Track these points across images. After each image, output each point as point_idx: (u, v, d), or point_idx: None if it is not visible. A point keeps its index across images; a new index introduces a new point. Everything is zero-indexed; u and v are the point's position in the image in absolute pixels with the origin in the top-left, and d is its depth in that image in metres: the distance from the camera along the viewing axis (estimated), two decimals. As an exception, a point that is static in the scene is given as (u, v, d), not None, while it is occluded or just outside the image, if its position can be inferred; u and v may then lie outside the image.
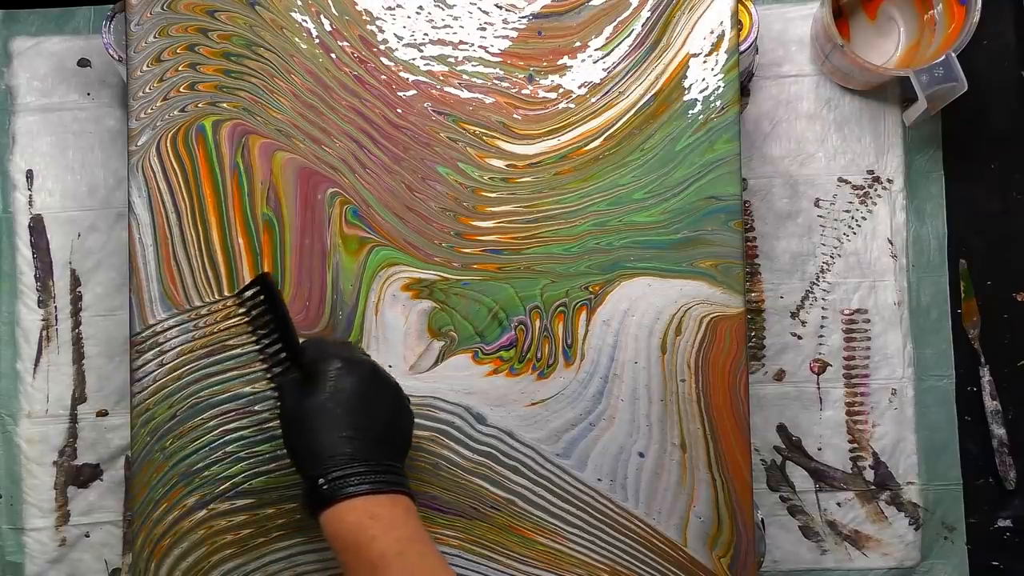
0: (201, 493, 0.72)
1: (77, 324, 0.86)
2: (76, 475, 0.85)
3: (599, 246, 0.73)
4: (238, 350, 0.72)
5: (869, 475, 0.84)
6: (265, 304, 0.66)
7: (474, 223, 0.73)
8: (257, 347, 0.67)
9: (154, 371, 0.72)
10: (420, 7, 0.74)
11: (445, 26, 0.74)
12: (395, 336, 0.73)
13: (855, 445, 0.84)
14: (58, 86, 0.87)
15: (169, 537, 0.72)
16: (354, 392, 0.63)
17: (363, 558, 0.58)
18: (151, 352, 0.72)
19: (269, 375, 0.67)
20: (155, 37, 0.74)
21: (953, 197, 0.86)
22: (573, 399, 0.72)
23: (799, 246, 0.85)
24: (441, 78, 0.74)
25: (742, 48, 0.75)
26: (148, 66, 0.74)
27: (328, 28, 0.74)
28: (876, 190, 0.86)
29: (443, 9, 0.74)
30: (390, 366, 0.72)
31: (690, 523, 0.72)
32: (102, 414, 0.85)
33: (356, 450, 0.61)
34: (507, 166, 0.73)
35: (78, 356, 0.86)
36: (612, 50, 0.74)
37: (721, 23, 0.73)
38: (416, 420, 0.72)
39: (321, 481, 0.60)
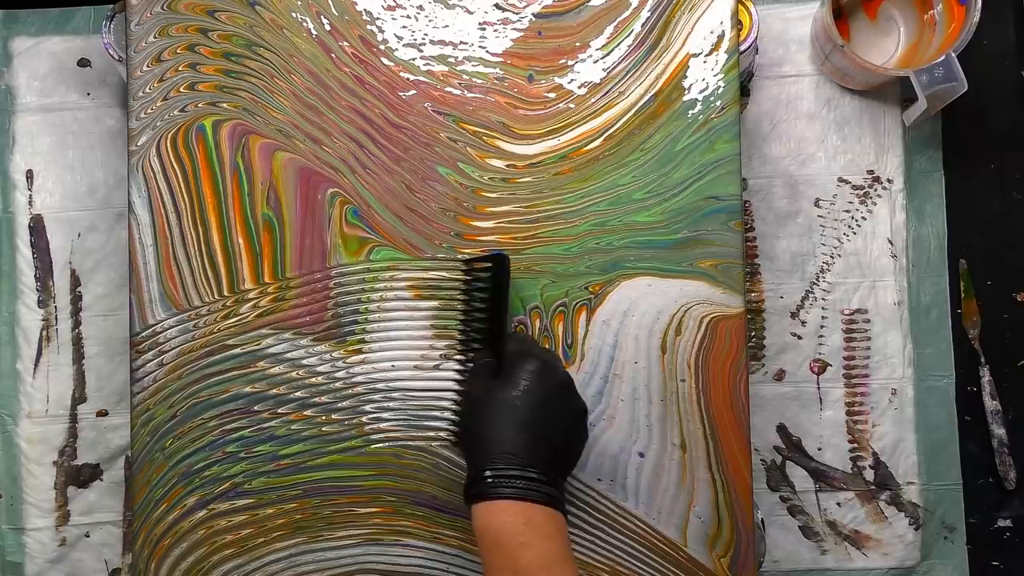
0: (201, 493, 0.72)
1: (77, 324, 0.86)
2: (76, 475, 0.85)
3: (599, 246, 0.73)
4: (238, 350, 0.72)
5: (869, 475, 0.84)
6: (491, 283, 0.67)
7: (474, 223, 0.73)
8: (462, 318, 0.68)
9: (154, 371, 0.72)
10: (420, 7, 0.74)
11: (445, 26, 0.74)
12: (397, 336, 0.73)
13: (855, 445, 0.84)
14: (58, 86, 0.87)
15: (169, 537, 0.72)
16: (544, 398, 0.63)
17: (508, 561, 0.59)
18: (151, 352, 0.72)
19: (462, 349, 0.69)
20: (155, 37, 0.74)
21: (953, 197, 0.86)
22: (573, 399, 0.72)
23: (799, 246, 0.85)
24: (441, 78, 0.74)
25: (742, 48, 0.75)
26: (148, 66, 0.74)
27: (328, 28, 0.74)
28: (876, 190, 0.86)
29: (443, 9, 0.74)
30: (392, 365, 0.72)
31: (690, 523, 0.72)
32: (102, 414, 0.85)
33: (528, 455, 0.61)
34: (507, 166, 0.73)
35: (78, 356, 0.86)
36: (612, 50, 0.74)
37: (721, 23, 0.73)
38: (417, 420, 0.72)
39: (488, 474, 0.60)
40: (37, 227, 0.86)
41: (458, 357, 0.71)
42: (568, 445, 0.65)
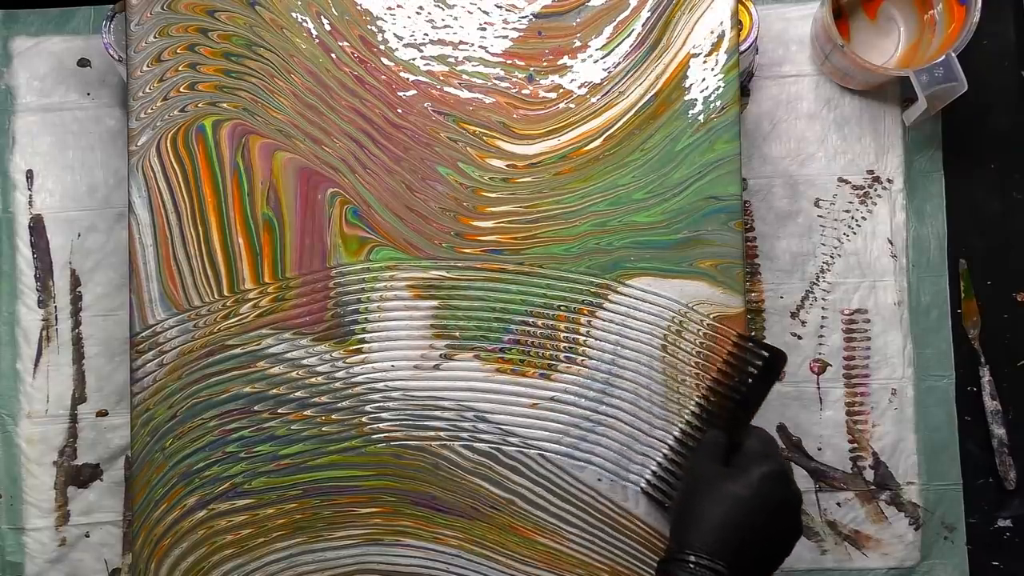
0: (201, 493, 0.72)
1: (77, 324, 0.86)
2: (76, 475, 0.85)
3: (599, 246, 0.73)
4: (238, 350, 0.72)
5: (869, 475, 0.84)
6: (759, 372, 0.67)
7: (474, 223, 0.73)
8: (710, 384, 0.69)
9: (154, 371, 0.72)
10: (420, 7, 0.74)
11: (445, 26, 0.74)
12: (397, 336, 0.73)
13: (855, 445, 0.84)
14: (58, 86, 0.87)
15: (169, 537, 0.72)
16: (773, 507, 0.63)
17: None
18: (151, 352, 0.72)
19: (696, 413, 0.69)
20: (155, 37, 0.74)
21: (953, 197, 0.86)
22: (574, 399, 0.72)
23: (799, 246, 0.85)
24: (441, 78, 0.74)
25: (742, 48, 0.75)
26: (148, 66, 0.74)
27: (328, 28, 0.74)
28: (876, 190, 0.86)
29: (443, 9, 0.74)
30: (392, 365, 0.72)
31: (690, 523, 0.72)
32: (102, 414, 0.85)
33: (737, 555, 0.61)
34: (507, 166, 0.73)
35: (78, 356, 0.86)
36: (612, 50, 0.74)
37: (721, 23, 0.73)
38: (418, 420, 0.72)
39: (692, 559, 0.60)
40: (37, 227, 0.86)
41: (688, 418, 0.71)
42: (774, 558, 0.64)
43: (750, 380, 0.68)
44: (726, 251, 0.72)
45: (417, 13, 0.74)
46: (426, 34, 0.74)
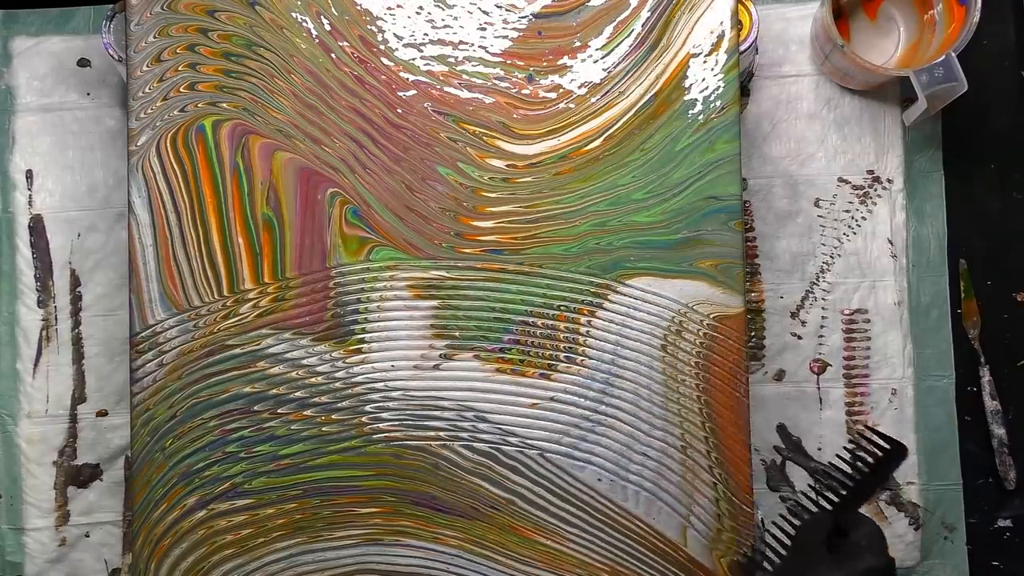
0: (201, 493, 0.72)
1: (77, 324, 0.86)
2: (76, 475, 0.85)
3: (599, 246, 0.73)
4: (238, 350, 0.72)
5: (869, 475, 0.84)
6: (876, 464, 0.66)
7: (474, 223, 0.73)
8: (827, 470, 0.68)
9: (154, 371, 0.72)
10: (420, 7, 0.74)
11: (445, 26, 0.74)
12: (397, 336, 0.73)
13: (855, 445, 0.84)
14: (58, 86, 0.87)
15: (169, 537, 0.72)
16: None
17: None
18: (151, 352, 0.72)
19: (813, 486, 0.68)
20: (155, 37, 0.74)
21: (953, 197, 0.86)
22: (574, 399, 0.72)
23: (799, 246, 0.85)
24: (441, 78, 0.74)
25: (742, 48, 0.75)
26: (148, 66, 0.74)
27: (328, 28, 0.74)
28: (876, 190, 0.86)
29: (443, 9, 0.74)
30: (392, 365, 0.72)
31: (690, 523, 0.72)
32: (102, 414, 0.85)
33: None
34: (507, 166, 0.73)
35: (78, 356, 0.86)
36: (612, 50, 0.74)
37: (721, 23, 0.73)
38: (418, 420, 0.72)
39: None
40: (37, 227, 0.86)
41: (809, 493, 0.70)
42: None
43: (867, 469, 0.68)
44: (726, 251, 0.72)
45: (417, 13, 0.74)
46: (426, 34, 0.74)
